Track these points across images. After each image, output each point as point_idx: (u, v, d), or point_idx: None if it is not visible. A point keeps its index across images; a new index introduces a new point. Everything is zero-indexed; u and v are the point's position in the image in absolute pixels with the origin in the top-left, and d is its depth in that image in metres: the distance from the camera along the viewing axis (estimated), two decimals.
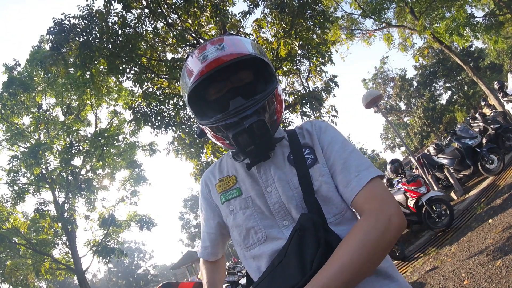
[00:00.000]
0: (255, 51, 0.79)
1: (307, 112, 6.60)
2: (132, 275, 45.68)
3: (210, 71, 0.73)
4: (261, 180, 0.80)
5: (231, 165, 0.88)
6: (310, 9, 6.32)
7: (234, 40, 0.80)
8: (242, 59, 0.74)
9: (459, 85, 28.76)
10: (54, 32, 6.20)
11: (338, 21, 12.40)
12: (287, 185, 0.77)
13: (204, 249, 0.93)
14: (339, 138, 0.80)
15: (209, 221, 0.89)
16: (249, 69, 0.82)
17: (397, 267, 2.73)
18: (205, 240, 0.92)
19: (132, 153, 14.33)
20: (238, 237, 0.80)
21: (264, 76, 0.83)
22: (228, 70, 0.77)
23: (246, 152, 0.77)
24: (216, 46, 0.77)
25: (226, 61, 0.73)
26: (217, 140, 0.83)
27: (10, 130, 12.57)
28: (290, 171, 0.78)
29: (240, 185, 0.82)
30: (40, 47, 12.80)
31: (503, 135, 6.24)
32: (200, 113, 0.82)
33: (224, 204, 0.83)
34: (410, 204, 4.89)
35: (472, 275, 2.71)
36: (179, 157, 7.49)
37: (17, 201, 11.76)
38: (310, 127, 0.86)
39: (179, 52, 7.54)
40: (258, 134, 0.72)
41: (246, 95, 0.76)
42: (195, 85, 0.75)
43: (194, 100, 0.82)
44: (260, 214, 0.78)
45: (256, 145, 0.75)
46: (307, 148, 0.81)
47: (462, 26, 10.79)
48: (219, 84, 0.80)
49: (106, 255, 12.45)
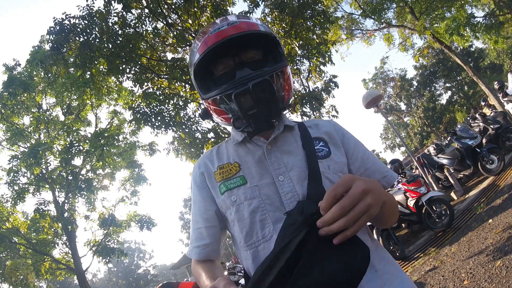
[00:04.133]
0: (267, 29, 0.77)
1: (307, 112, 6.60)
2: (132, 275, 45.67)
3: (220, 41, 0.70)
4: (272, 167, 0.73)
5: (232, 151, 0.80)
6: (310, 9, 6.32)
7: (246, 18, 0.79)
8: (253, 33, 0.73)
9: (459, 85, 28.74)
10: (55, 32, 6.19)
11: (338, 21, 12.39)
12: (303, 173, 0.71)
13: (203, 248, 0.77)
14: (359, 140, 0.85)
15: (207, 213, 0.77)
16: (259, 47, 0.79)
17: None
18: (203, 236, 0.77)
19: (132, 153, 14.32)
20: (239, 232, 0.72)
21: (273, 56, 0.80)
22: (237, 45, 0.74)
23: (248, 115, 0.70)
24: (227, 22, 0.75)
25: (237, 33, 0.71)
26: (219, 115, 0.78)
27: (10, 130, 12.56)
28: (304, 159, 0.74)
29: (244, 173, 0.74)
30: (40, 47, 12.79)
31: (503, 135, 6.24)
32: (205, 88, 0.79)
33: (224, 194, 0.74)
34: (410, 204, 4.89)
35: (472, 275, 2.71)
36: (179, 157, 7.48)
37: (17, 201, 11.74)
38: (327, 124, 0.86)
39: (179, 52, 7.54)
40: (262, 96, 0.67)
41: (254, 68, 0.73)
42: (203, 55, 0.73)
43: (200, 74, 0.79)
44: (269, 206, 0.70)
45: (259, 108, 0.69)
46: (320, 140, 0.80)
47: (462, 26, 10.79)
48: (228, 60, 0.76)
49: (106, 255, 12.44)
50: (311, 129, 0.83)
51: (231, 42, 0.71)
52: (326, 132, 0.82)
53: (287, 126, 0.81)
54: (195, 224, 0.79)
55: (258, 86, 0.66)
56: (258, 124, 0.73)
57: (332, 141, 0.80)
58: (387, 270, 0.68)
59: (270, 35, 0.76)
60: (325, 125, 0.84)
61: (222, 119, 0.79)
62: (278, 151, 0.76)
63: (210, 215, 0.77)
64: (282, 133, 0.80)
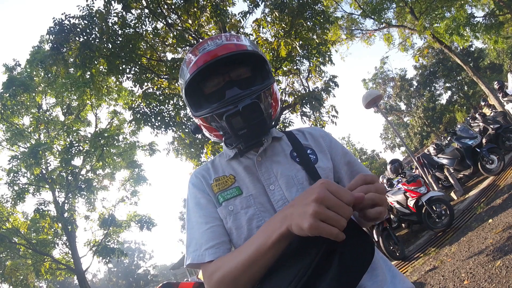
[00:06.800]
0: (254, 48, 0.81)
1: (307, 112, 6.60)
2: (132, 275, 45.66)
3: (210, 61, 0.74)
4: (263, 178, 0.78)
5: (226, 165, 0.85)
6: (310, 9, 6.32)
7: (234, 36, 0.83)
8: (241, 53, 0.77)
9: (459, 85, 28.75)
10: (54, 32, 6.19)
11: (338, 21, 12.39)
12: (291, 180, 0.76)
13: (218, 246, 0.71)
14: (345, 147, 0.91)
15: (216, 213, 0.77)
16: (247, 65, 0.83)
17: (397, 267, 2.74)
18: (217, 235, 0.73)
19: (132, 153, 14.32)
20: (237, 240, 0.75)
21: (261, 73, 0.84)
22: (226, 64, 0.78)
23: (239, 135, 0.74)
24: (215, 41, 0.79)
25: (226, 53, 0.75)
26: (211, 132, 0.82)
27: (10, 130, 12.55)
28: (293, 167, 0.79)
29: (239, 184, 0.79)
30: (40, 47, 12.78)
31: (503, 135, 6.24)
32: (196, 105, 0.82)
33: (222, 204, 0.77)
34: (410, 204, 4.89)
35: (472, 275, 2.71)
36: (179, 157, 7.49)
37: (17, 201, 11.73)
38: (314, 131, 0.91)
39: (179, 52, 7.54)
40: (251, 116, 0.72)
41: (242, 87, 0.77)
42: (193, 75, 0.76)
43: (191, 92, 0.82)
44: (264, 213, 0.74)
45: (249, 128, 0.74)
46: (308, 148, 0.85)
47: (462, 26, 10.80)
48: (217, 78, 0.80)
49: (106, 255, 12.44)
50: (299, 136, 0.88)
51: (220, 62, 0.75)
52: (313, 139, 0.88)
53: (274, 138, 0.86)
54: (203, 226, 0.75)
55: (247, 108, 0.71)
56: (248, 143, 0.78)
57: (318, 148, 0.85)
58: (387, 269, 0.74)
59: (256, 54, 0.80)
60: (312, 133, 0.90)
61: (213, 136, 0.84)
62: (267, 162, 0.81)
63: (218, 215, 0.78)
64: (270, 144, 0.84)
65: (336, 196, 0.51)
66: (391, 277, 0.73)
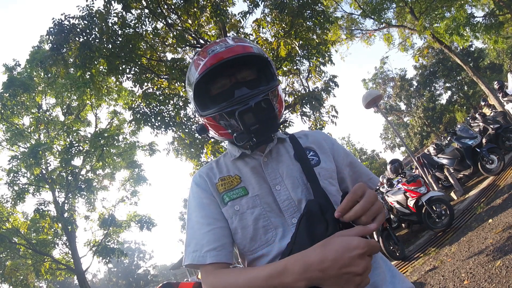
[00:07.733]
0: (260, 51, 0.84)
1: (307, 112, 6.60)
2: (132, 275, 45.66)
3: (218, 62, 0.76)
4: (269, 178, 0.79)
5: (231, 165, 0.85)
6: (310, 9, 6.32)
7: (240, 40, 0.86)
8: (248, 55, 0.79)
9: (459, 85, 28.74)
10: (54, 33, 6.19)
11: (338, 21, 12.39)
12: (296, 181, 0.78)
13: (220, 249, 0.72)
14: (346, 149, 0.95)
15: (219, 214, 0.77)
16: (253, 67, 0.85)
17: (397, 267, 2.74)
18: (218, 237, 0.73)
19: (132, 153, 14.32)
20: (242, 239, 0.75)
21: (266, 75, 0.86)
22: (233, 66, 0.81)
23: (251, 131, 0.75)
24: (223, 44, 0.81)
25: (233, 55, 0.77)
26: (218, 130, 0.83)
27: (10, 130, 12.55)
28: (297, 168, 0.81)
29: (245, 184, 0.80)
30: (40, 47, 12.78)
31: (503, 135, 6.24)
32: (202, 106, 0.84)
33: (228, 204, 0.77)
34: (410, 204, 4.89)
35: (472, 275, 2.71)
36: (179, 157, 7.48)
37: (17, 201, 11.73)
38: (316, 134, 0.93)
39: (179, 52, 7.53)
40: (263, 112, 0.73)
41: (249, 88, 0.79)
42: (202, 76, 0.78)
43: (198, 93, 0.84)
44: (270, 213, 0.75)
45: (261, 124, 0.75)
46: (310, 150, 0.87)
47: (462, 26, 10.80)
48: (224, 80, 0.82)
49: (106, 255, 12.45)
50: (301, 139, 0.90)
51: (227, 64, 0.77)
52: (315, 142, 0.90)
53: (279, 139, 0.88)
54: (205, 227, 0.75)
55: (259, 104, 0.73)
56: (260, 139, 0.78)
57: (321, 150, 0.88)
58: (387, 269, 0.77)
59: (262, 56, 0.82)
60: (314, 135, 0.93)
61: (221, 135, 0.84)
62: (273, 162, 0.82)
63: (221, 216, 0.77)
64: (275, 146, 0.86)
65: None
66: (391, 277, 0.75)
